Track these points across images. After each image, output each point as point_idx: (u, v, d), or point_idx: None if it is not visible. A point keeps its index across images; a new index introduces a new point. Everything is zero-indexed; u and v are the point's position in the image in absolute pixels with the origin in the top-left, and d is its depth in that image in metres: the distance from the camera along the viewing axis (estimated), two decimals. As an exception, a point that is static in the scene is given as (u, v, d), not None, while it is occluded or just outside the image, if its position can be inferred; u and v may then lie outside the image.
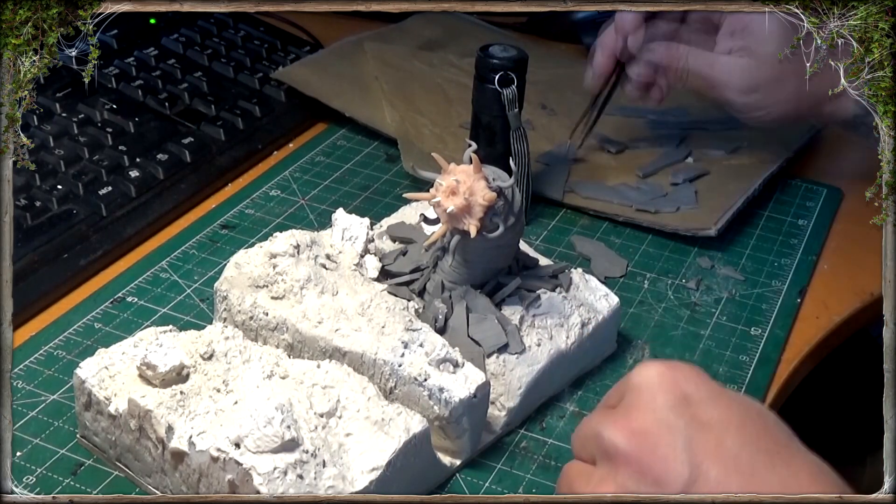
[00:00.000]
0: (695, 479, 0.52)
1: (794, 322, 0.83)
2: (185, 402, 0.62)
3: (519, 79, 0.85)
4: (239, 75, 1.05)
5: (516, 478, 0.68)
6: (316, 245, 0.74)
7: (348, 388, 0.63)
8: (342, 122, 1.03)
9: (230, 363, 0.65)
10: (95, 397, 0.65)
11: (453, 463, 0.67)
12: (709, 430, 0.53)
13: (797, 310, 0.84)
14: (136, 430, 0.63)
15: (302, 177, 0.96)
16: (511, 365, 0.69)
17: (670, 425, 0.53)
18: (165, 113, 0.98)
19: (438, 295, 0.71)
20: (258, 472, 0.57)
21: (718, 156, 1.00)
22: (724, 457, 0.52)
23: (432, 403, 0.65)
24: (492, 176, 0.68)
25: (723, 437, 0.53)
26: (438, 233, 0.69)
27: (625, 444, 0.53)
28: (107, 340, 0.74)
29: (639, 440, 0.53)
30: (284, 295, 0.71)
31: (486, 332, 0.70)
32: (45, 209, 0.83)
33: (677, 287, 0.85)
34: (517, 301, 0.72)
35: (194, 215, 0.90)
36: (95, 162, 0.89)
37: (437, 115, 1.03)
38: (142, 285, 0.81)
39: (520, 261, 0.74)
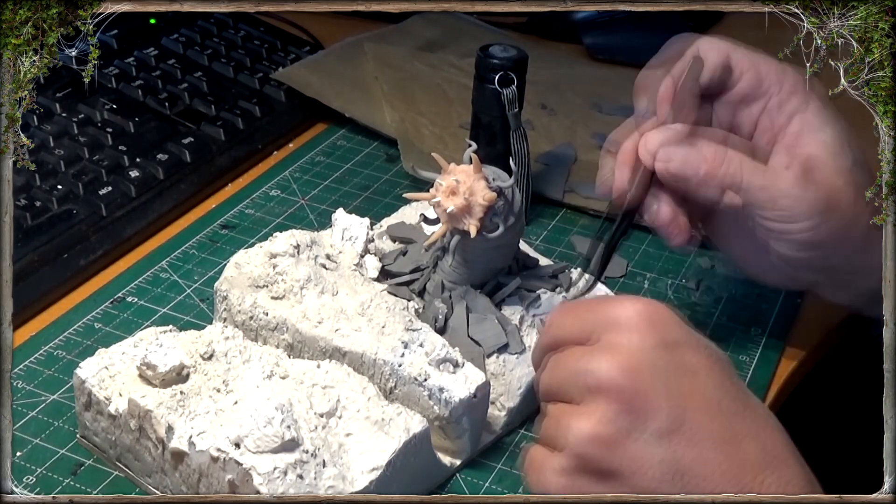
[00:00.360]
0: (680, 421, 0.52)
1: (794, 322, 0.83)
2: (185, 402, 0.62)
3: (519, 79, 0.85)
4: (239, 75, 1.05)
5: (516, 478, 0.68)
6: (316, 245, 0.74)
7: (348, 388, 0.63)
8: (342, 122, 1.03)
9: (230, 363, 0.65)
10: (95, 397, 0.65)
11: (453, 463, 0.67)
12: (692, 374, 0.54)
13: (797, 310, 0.84)
14: (136, 430, 0.63)
15: (302, 177, 0.96)
16: (511, 365, 0.69)
17: (656, 366, 0.53)
18: (165, 113, 0.98)
19: (438, 295, 0.71)
20: (258, 472, 0.57)
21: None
22: (705, 400, 0.53)
23: (432, 403, 0.65)
24: (492, 176, 0.68)
25: (705, 382, 0.54)
26: (438, 233, 0.69)
27: (617, 378, 0.53)
28: (107, 340, 0.74)
29: (630, 376, 0.53)
30: (284, 295, 0.71)
31: (486, 332, 0.70)
32: (45, 209, 0.83)
33: (677, 287, 0.85)
34: (517, 301, 0.72)
35: (194, 215, 0.90)
36: (95, 162, 0.89)
37: (437, 116, 1.03)
38: (142, 285, 0.81)
39: (520, 261, 0.74)
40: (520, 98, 0.85)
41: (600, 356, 0.54)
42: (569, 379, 0.55)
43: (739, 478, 0.53)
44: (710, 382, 0.54)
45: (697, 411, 0.53)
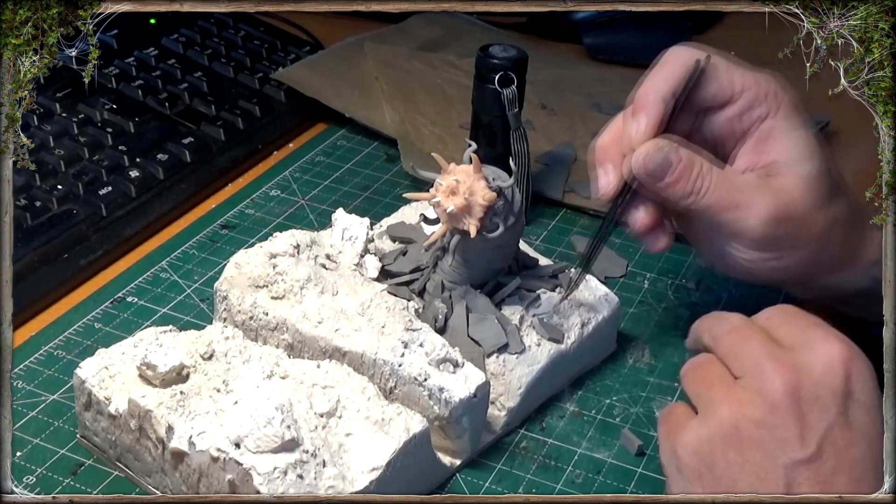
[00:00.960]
0: (812, 462, 0.53)
1: (794, 322, 0.83)
2: (185, 402, 0.62)
3: (519, 79, 0.85)
4: (239, 75, 1.05)
5: (516, 478, 0.68)
6: (316, 245, 0.74)
7: (348, 388, 0.63)
8: (342, 122, 1.03)
9: (230, 363, 0.65)
10: (95, 397, 0.65)
11: (453, 463, 0.67)
12: (849, 429, 0.54)
13: (797, 310, 0.84)
14: (136, 430, 0.63)
15: (302, 177, 0.96)
16: (511, 365, 0.69)
17: (823, 406, 0.54)
18: (165, 113, 0.98)
19: (438, 295, 0.71)
20: (258, 472, 0.57)
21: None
22: (847, 459, 0.54)
23: (432, 403, 0.65)
24: (492, 176, 0.68)
25: (856, 442, 0.54)
26: (438, 233, 0.69)
27: (779, 394, 0.54)
28: (107, 340, 0.74)
29: (791, 401, 0.54)
30: (284, 295, 0.71)
31: (486, 332, 0.70)
32: (45, 209, 0.83)
33: (677, 287, 0.85)
34: (517, 301, 0.72)
35: (194, 215, 0.90)
36: (95, 162, 0.89)
37: (437, 116, 1.03)
38: (142, 285, 0.81)
39: (520, 261, 0.74)
40: (520, 98, 0.85)
41: (782, 364, 0.55)
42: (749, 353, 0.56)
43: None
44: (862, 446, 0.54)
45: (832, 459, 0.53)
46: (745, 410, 0.54)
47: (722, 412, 0.55)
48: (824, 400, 0.54)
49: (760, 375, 0.55)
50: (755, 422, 0.54)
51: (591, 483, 0.67)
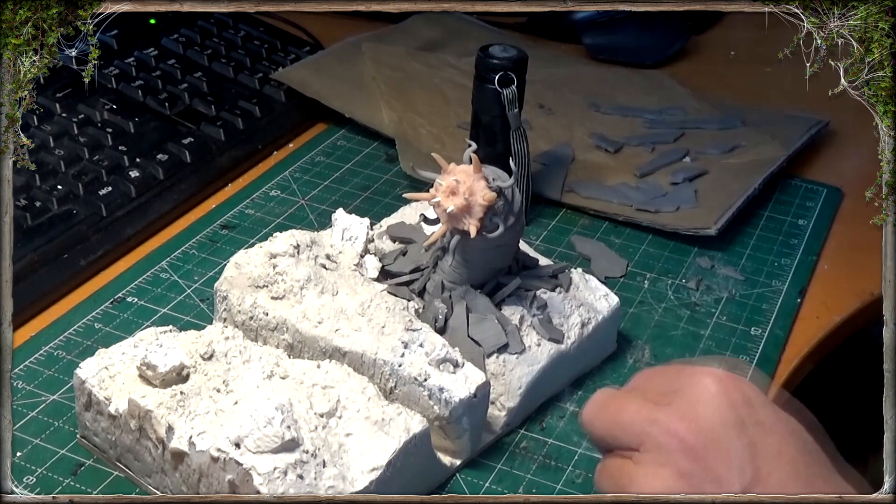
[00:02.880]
0: (757, 481, 0.52)
1: (794, 322, 0.83)
2: (185, 402, 0.62)
3: (519, 79, 0.85)
4: (239, 75, 1.05)
5: (516, 478, 0.68)
6: (316, 245, 0.74)
7: (348, 388, 0.63)
8: (342, 122, 1.03)
9: (230, 363, 0.65)
10: (95, 397, 0.65)
11: (453, 463, 0.67)
12: (771, 434, 0.53)
13: (797, 310, 0.84)
14: (136, 430, 0.63)
15: (302, 177, 0.96)
16: (511, 365, 0.69)
17: (734, 425, 0.53)
18: (165, 113, 0.98)
19: (438, 295, 0.71)
20: (258, 472, 0.57)
21: (716, 154, 1.00)
22: (785, 462, 0.53)
23: (432, 403, 0.65)
24: (492, 176, 0.68)
25: (784, 443, 0.53)
26: (438, 233, 0.69)
27: (690, 438, 0.53)
28: (107, 340, 0.74)
29: (704, 436, 0.53)
30: (284, 295, 0.71)
31: (486, 332, 0.70)
32: (45, 209, 0.83)
33: (677, 287, 0.85)
34: (517, 301, 0.72)
35: (194, 215, 0.90)
36: (95, 162, 0.89)
37: (435, 116, 1.03)
38: (142, 285, 0.81)
39: (520, 261, 0.74)
40: (520, 98, 0.85)
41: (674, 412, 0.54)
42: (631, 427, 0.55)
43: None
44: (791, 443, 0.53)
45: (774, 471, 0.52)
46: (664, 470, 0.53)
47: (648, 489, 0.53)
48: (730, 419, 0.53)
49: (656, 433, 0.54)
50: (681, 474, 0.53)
51: (591, 483, 0.67)
